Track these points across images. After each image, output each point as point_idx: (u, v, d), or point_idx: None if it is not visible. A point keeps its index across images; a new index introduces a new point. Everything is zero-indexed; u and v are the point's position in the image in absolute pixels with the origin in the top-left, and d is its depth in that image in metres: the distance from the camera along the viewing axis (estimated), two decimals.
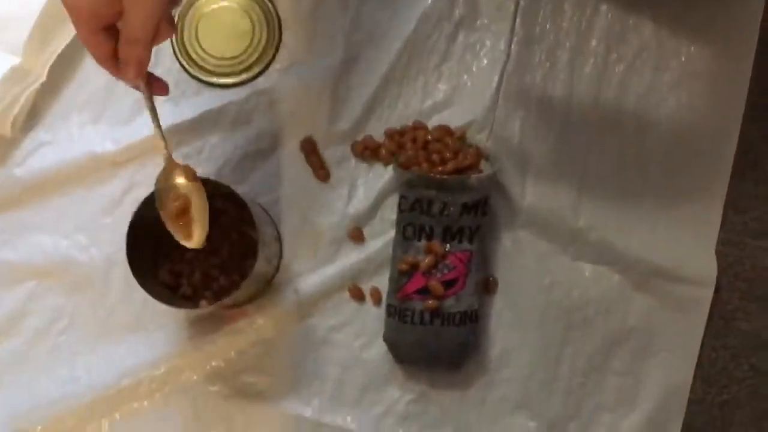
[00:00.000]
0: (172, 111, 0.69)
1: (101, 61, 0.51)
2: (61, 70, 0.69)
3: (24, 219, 0.69)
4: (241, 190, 0.67)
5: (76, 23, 0.49)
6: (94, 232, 0.69)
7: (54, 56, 0.68)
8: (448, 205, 0.63)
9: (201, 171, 0.68)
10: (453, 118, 0.68)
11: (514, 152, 0.67)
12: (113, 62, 0.51)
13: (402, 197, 0.66)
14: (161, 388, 0.66)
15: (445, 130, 0.67)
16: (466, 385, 0.66)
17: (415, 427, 0.66)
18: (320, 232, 0.68)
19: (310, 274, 0.68)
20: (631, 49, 0.67)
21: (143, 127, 0.69)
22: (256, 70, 0.69)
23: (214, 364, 0.67)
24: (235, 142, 0.69)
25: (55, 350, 0.68)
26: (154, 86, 0.55)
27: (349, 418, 0.66)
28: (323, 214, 0.68)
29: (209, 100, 0.69)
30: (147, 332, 0.68)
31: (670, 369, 0.66)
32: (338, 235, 0.68)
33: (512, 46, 0.68)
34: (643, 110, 0.67)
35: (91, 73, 0.70)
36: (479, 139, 0.68)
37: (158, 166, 0.68)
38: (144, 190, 0.68)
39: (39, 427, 0.66)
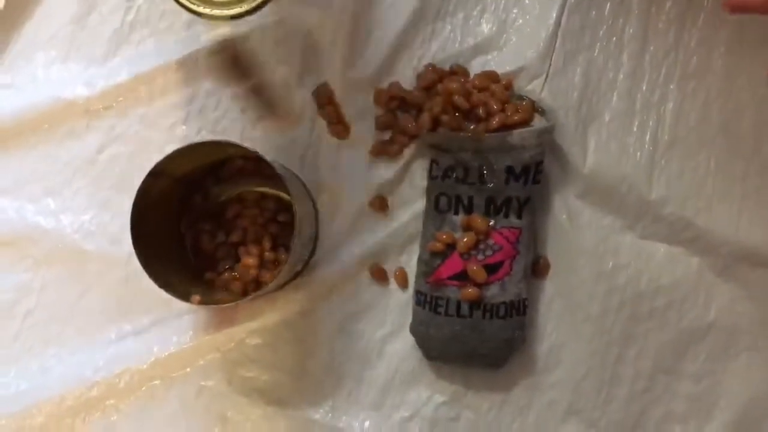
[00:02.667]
0: (155, 49, 0.59)
1: None
2: None
3: None
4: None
5: None
6: (64, 196, 0.60)
7: None
8: (489, 170, 0.53)
9: (193, 124, 0.59)
10: (499, 62, 0.58)
11: (574, 106, 0.57)
12: None
13: (433, 161, 0.55)
14: (146, 383, 0.58)
15: (489, 77, 0.57)
16: (507, 387, 0.57)
17: None
18: (336, 201, 0.58)
19: (324, 250, 0.58)
20: None
21: (122, 68, 0.59)
22: None
23: (209, 356, 0.58)
24: (233, 90, 0.59)
25: (21, 335, 0.59)
26: None
27: (367, 423, 0.57)
28: (339, 179, 0.58)
29: (202, 36, 0.59)
30: (130, 316, 0.59)
31: (756, 373, 0.56)
32: (357, 204, 0.58)
33: None
34: (735, 59, 0.56)
35: (57, 4, 0.59)
36: (531, 89, 0.57)
37: (143, 117, 0.59)
38: (125, 146, 0.59)
39: (2, 421, 0.57)
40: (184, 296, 0.51)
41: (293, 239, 0.50)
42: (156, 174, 0.51)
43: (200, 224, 0.57)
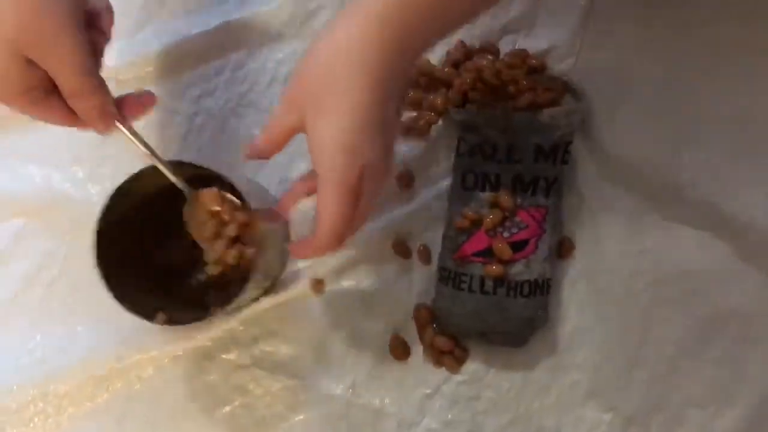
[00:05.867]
0: (185, 21, 0.60)
1: (62, 123, 0.47)
2: None
3: (9, 145, 0.61)
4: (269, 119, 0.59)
5: (14, 102, 0.45)
6: (92, 165, 0.61)
7: None
8: (517, 148, 0.54)
9: (220, 95, 0.60)
10: (530, 42, 0.58)
11: (604, 86, 0.58)
12: (74, 118, 0.47)
13: (460, 139, 0.56)
14: (168, 354, 0.58)
15: (520, 56, 0.57)
16: (529, 367, 0.58)
17: (466, 414, 0.58)
18: None
19: None
20: None
21: (152, 39, 0.60)
22: None
23: (230, 328, 0.58)
24: (263, 62, 0.61)
25: (44, 302, 0.60)
26: (131, 111, 0.49)
27: (388, 400, 0.58)
28: None
29: (233, 7, 0.60)
30: None
31: None
32: None
33: None
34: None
35: None
36: (562, 69, 0.58)
37: (170, 88, 0.60)
38: (152, 116, 0.60)
39: (28, 387, 0.58)
40: (149, 316, 0.51)
41: (255, 256, 0.50)
42: (122, 194, 0.51)
43: (170, 241, 0.57)
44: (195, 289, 0.57)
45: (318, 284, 0.59)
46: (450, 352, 0.57)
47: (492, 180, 0.55)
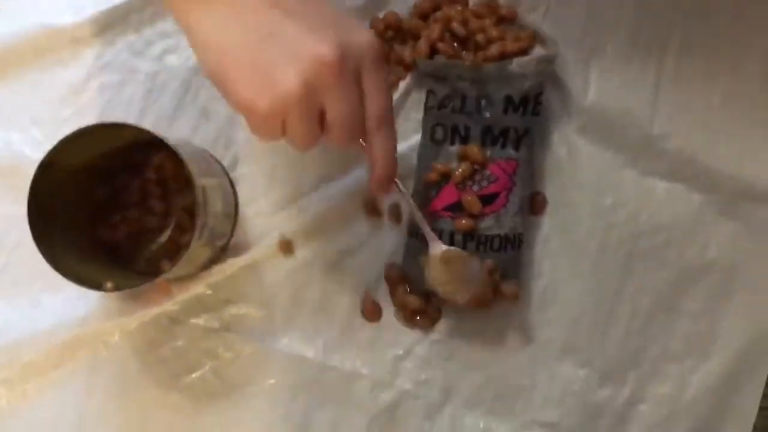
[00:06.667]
0: None
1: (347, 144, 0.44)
2: None
3: None
4: None
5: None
6: (51, 126, 0.59)
7: None
8: (487, 99, 0.53)
9: (183, 52, 0.59)
10: None
11: (576, 37, 0.57)
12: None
13: (429, 92, 0.55)
14: (135, 321, 0.57)
15: (489, 5, 0.56)
16: (502, 324, 0.57)
17: (439, 373, 0.57)
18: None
19: (317, 186, 0.58)
20: None
21: None
22: None
23: (197, 291, 0.57)
24: None
25: (8, 268, 0.59)
26: None
27: (359, 362, 0.58)
28: None
29: None
30: None
31: (755, 311, 0.57)
32: None
33: None
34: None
35: None
36: (533, 18, 0.57)
37: (131, 45, 0.58)
38: (112, 74, 0.59)
39: None
40: (96, 285, 0.50)
41: (196, 215, 0.50)
42: (46, 166, 0.49)
43: (111, 216, 0.57)
44: (148, 260, 0.56)
45: (287, 245, 0.58)
46: (422, 311, 0.56)
47: (461, 132, 0.54)
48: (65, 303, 0.58)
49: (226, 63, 0.41)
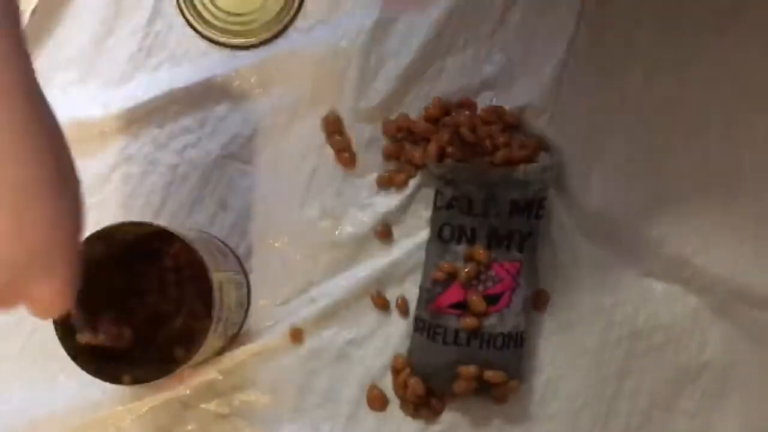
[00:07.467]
0: (170, 74, 0.62)
1: None
2: (42, 20, 0.62)
3: None
4: (250, 170, 0.61)
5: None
6: None
7: (32, 4, 0.61)
8: (493, 203, 0.56)
9: (203, 147, 0.62)
10: (506, 98, 0.61)
11: (578, 143, 0.60)
12: None
13: (438, 192, 0.58)
14: (147, 405, 0.59)
15: (496, 112, 0.59)
16: (504, 417, 0.59)
17: None
18: (342, 228, 0.60)
19: (328, 277, 0.60)
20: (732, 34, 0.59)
21: (138, 90, 0.62)
22: (274, 29, 0.62)
23: (209, 376, 0.59)
24: (245, 115, 0.62)
25: (24, 352, 0.61)
26: None
27: None
28: (346, 206, 0.61)
29: (217, 63, 0.62)
30: None
31: (748, 413, 0.59)
32: (362, 231, 0.61)
33: (583, 15, 0.59)
34: (734, 111, 0.59)
35: (78, 25, 0.63)
36: (537, 125, 0.60)
37: (154, 139, 0.61)
38: (136, 166, 0.62)
39: None
40: (114, 379, 0.52)
41: (213, 309, 0.52)
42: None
43: (128, 301, 0.58)
44: (161, 344, 0.58)
45: (297, 333, 0.60)
46: (425, 403, 0.58)
47: (468, 233, 0.57)
48: (81, 386, 0.59)
49: None
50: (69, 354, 0.51)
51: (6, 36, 0.33)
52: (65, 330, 0.52)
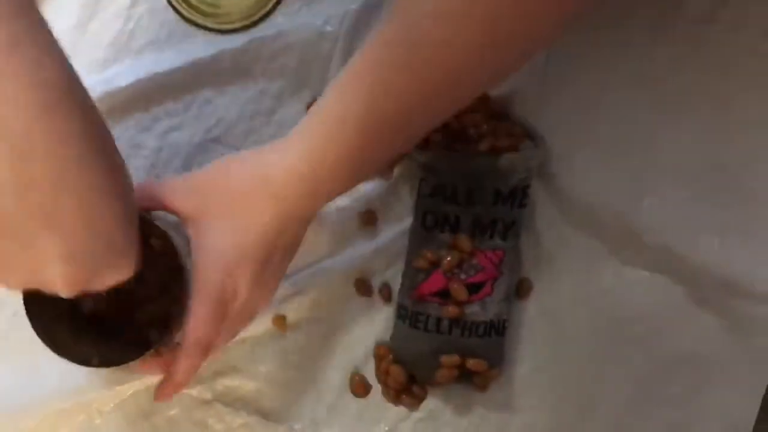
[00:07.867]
0: (155, 58, 0.61)
1: None
2: None
3: None
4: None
5: None
6: None
7: None
8: (477, 191, 0.55)
9: (187, 130, 0.61)
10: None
11: (563, 132, 0.59)
12: None
13: (422, 180, 0.58)
14: (130, 389, 0.59)
15: (481, 100, 0.59)
16: (486, 406, 0.60)
17: None
18: (325, 214, 0.60)
19: (311, 263, 0.60)
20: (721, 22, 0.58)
21: (121, 75, 0.61)
22: (258, 13, 0.61)
23: None
24: (229, 99, 0.62)
25: (7, 336, 0.61)
26: None
27: None
28: None
29: (201, 46, 0.61)
30: None
31: (730, 404, 0.59)
32: (346, 217, 0.60)
33: None
34: (727, 95, 0.59)
35: (60, 8, 0.62)
36: (522, 113, 0.60)
37: (138, 122, 0.61)
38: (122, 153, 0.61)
39: None
40: (86, 361, 0.51)
41: (185, 292, 0.51)
42: None
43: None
44: (136, 329, 0.57)
45: (280, 320, 0.60)
46: (408, 389, 0.58)
47: (451, 221, 0.56)
48: (63, 370, 0.59)
49: None
50: (36, 331, 0.50)
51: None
52: (33, 307, 0.51)
